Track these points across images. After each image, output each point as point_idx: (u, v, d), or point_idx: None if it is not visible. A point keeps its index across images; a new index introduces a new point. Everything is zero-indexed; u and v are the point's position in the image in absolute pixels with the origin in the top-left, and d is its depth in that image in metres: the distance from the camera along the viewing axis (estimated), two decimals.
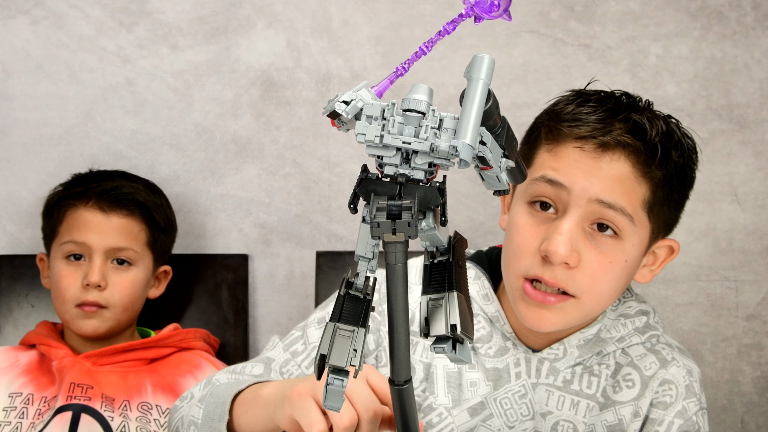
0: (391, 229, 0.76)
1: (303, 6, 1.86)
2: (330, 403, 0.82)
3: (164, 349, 1.58)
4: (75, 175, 1.66)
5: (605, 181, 1.14)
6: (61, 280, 1.55)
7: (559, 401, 1.22)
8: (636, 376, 1.23)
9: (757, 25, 1.84)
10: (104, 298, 1.54)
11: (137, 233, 1.58)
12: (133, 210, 1.58)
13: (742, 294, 1.86)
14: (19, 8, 1.86)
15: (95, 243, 1.54)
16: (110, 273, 1.55)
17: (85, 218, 1.56)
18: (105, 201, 1.57)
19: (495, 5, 0.80)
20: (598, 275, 1.14)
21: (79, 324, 1.54)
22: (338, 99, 0.78)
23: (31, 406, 1.50)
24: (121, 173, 1.67)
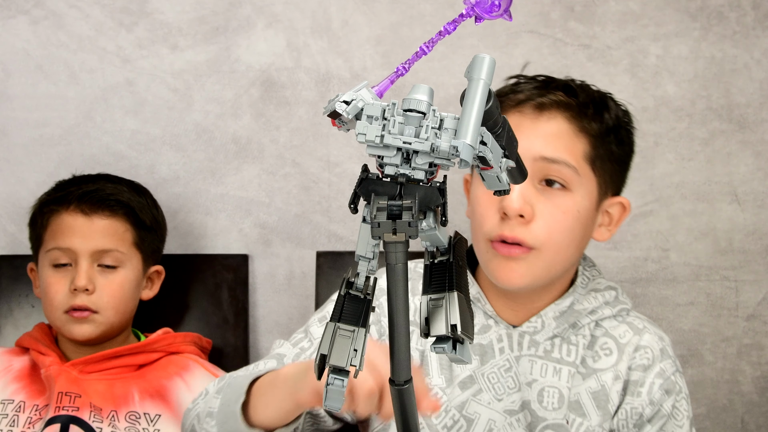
0: (392, 229, 0.76)
1: (303, 6, 1.86)
2: (330, 402, 0.82)
3: (152, 354, 1.56)
4: (58, 182, 1.64)
5: (545, 138, 1.25)
6: (49, 287, 1.53)
7: (542, 369, 1.28)
8: (612, 345, 1.31)
9: (757, 25, 1.84)
10: (93, 302, 1.51)
11: (122, 234, 1.55)
12: (116, 210, 1.55)
13: (742, 294, 1.86)
14: (18, 8, 1.86)
15: (79, 247, 1.52)
16: (97, 276, 1.52)
17: (68, 223, 1.53)
18: (86, 203, 1.54)
19: (495, 5, 0.80)
20: (552, 225, 1.24)
21: (71, 330, 1.52)
22: (339, 99, 0.78)
23: (22, 414, 1.48)
24: (105, 176, 1.64)
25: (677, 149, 1.85)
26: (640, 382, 1.29)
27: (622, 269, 1.85)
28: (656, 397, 1.29)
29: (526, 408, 1.27)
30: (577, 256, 1.31)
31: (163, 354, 1.56)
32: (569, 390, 1.27)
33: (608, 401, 1.28)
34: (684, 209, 1.86)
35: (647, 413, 1.28)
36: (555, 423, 1.26)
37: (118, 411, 1.47)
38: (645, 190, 1.86)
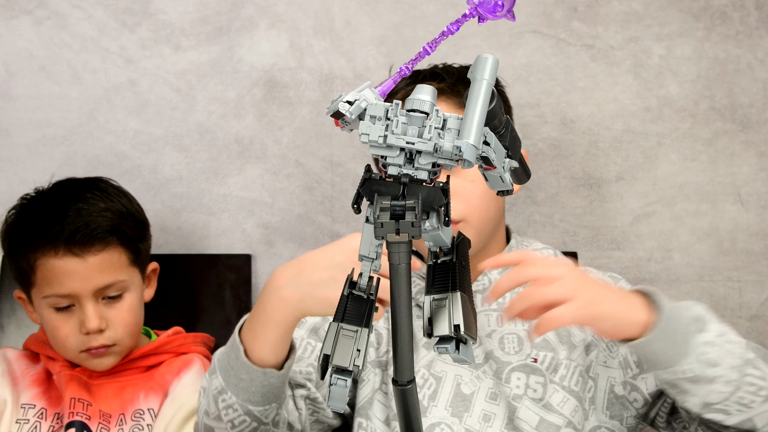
0: (395, 229, 0.76)
1: (306, 6, 1.86)
2: (333, 403, 0.82)
3: (162, 355, 1.53)
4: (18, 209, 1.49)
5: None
6: (57, 330, 1.45)
7: (498, 319, 1.33)
8: None
9: (760, 26, 1.84)
10: (109, 338, 1.44)
11: (118, 260, 1.45)
12: (106, 241, 1.44)
13: (745, 294, 1.86)
14: (22, 8, 1.86)
15: (80, 290, 1.42)
16: (105, 311, 1.45)
17: (61, 268, 1.42)
18: (75, 245, 1.42)
19: (499, 5, 0.80)
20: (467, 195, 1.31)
21: (91, 364, 1.46)
22: (342, 99, 0.78)
23: (44, 422, 1.46)
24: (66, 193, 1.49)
25: (680, 149, 1.85)
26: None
27: (625, 269, 1.85)
28: None
29: (490, 358, 1.31)
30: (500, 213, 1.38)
31: (174, 355, 1.54)
32: (526, 332, 1.32)
33: (570, 335, 1.33)
34: (687, 209, 1.85)
35: None
36: (520, 364, 1.31)
37: (126, 413, 1.46)
38: (648, 190, 1.85)
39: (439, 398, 1.31)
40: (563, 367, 1.31)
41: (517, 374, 1.31)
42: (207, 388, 1.20)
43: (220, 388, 1.18)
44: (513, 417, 1.29)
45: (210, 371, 1.21)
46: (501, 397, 1.30)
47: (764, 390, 1.11)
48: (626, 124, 1.85)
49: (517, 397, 1.29)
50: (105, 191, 1.51)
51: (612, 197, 1.86)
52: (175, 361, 1.52)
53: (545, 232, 1.86)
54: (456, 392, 1.31)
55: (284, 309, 1.12)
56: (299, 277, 1.12)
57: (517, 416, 1.29)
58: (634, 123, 1.85)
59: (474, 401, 1.30)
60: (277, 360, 1.16)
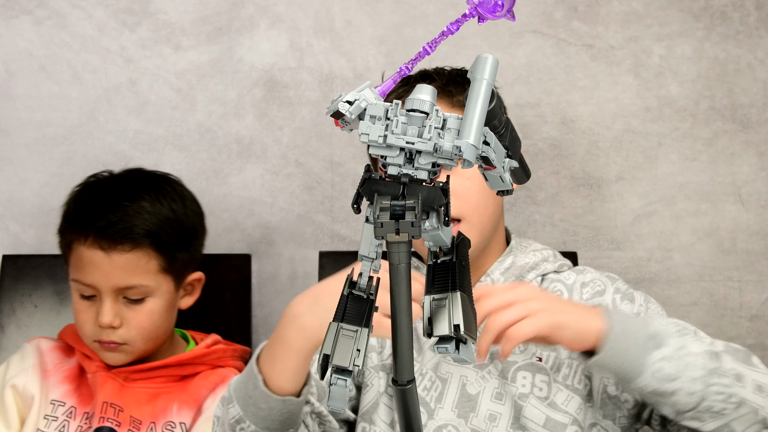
0: (395, 229, 0.76)
1: (306, 6, 1.86)
2: (333, 403, 0.82)
3: (199, 366, 1.51)
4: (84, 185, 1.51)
5: None
6: (78, 314, 1.47)
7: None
8: (561, 287, 1.38)
9: (760, 26, 1.84)
10: (120, 336, 1.44)
11: (145, 265, 1.43)
12: (138, 243, 1.42)
13: (745, 294, 1.86)
14: (22, 8, 1.86)
15: (101, 284, 1.42)
16: (123, 310, 1.44)
17: (87, 257, 1.43)
18: (104, 239, 1.42)
19: (499, 5, 0.80)
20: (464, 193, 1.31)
21: (104, 356, 1.47)
22: (342, 99, 0.78)
23: (72, 421, 1.45)
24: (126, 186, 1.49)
25: (680, 149, 1.85)
26: (603, 304, 1.34)
27: (626, 269, 1.85)
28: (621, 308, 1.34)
29: (495, 358, 1.33)
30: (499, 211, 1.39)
31: (210, 367, 1.52)
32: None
33: None
34: (687, 209, 1.85)
35: None
36: (526, 363, 1.32)
37: (157, 423, 1.45)
38: (648, 190, 1.85)
39: (445, 400, 1.31)
40: (566, 366, 1.32)
41: (523, 373, 1.32)
42: (222, 417, 1.21)
43: (237, 417, 1.18)
44: (519, 416, 1.30)
45: (225, 400, 1.21)
46: (506, 396, 1.31)
47: (735, 397, 1.15)
48: (626, 123, 1.85)
49: (523, 396, 1.30)
50: (161, 192, 1.48)
51: (612, 197, 1.86)
52: (211, 375, 1.50)
53: (545, 232, 1.86)
54: (462, 393, 1.32)
55: (303, 337, 1.14)
56: (317, 305, 1.14)
57: (523, 415, 1.30)
58: (634, 123, 1.85)
59: (480, 401, 1.31)
60: (295, 388, 1.17)
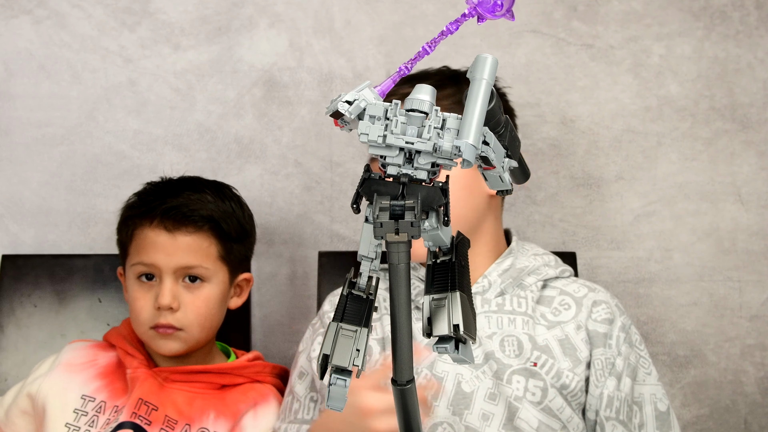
0: (394, 229, 0.76)
1: (305, 6, 1.86)
2: (333, 403, 0.82)
3: (238, 377, 1.54)
4: (147, 185, 1.59)
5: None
6: (135, 302, 1.50)
7: (498, 321, 1.37)
8: (569, 300, 1.40)
9: (760, 25, 1.84)
10: (178, 319, 1.48)
11: (206, 248, 1.51)
12: (200, 226, 1.50)
13: (745, 294, 1.86)
14: (21, 8, 1.86)
15: (163, 263, 1.48)
16: (182, 293, 1.49)
17: (151, 239, 1.50)
18: (169, 220, 1.49)
19: (498, 5, 0.80)
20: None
21: (158, 345, 1.50)
22: (341, 99, 0.78)
23: (101, 416, 1.47)
24: (189, 181, 1.59)
25: (680, 149, 1.85)
26: (609, 335, 1.38)
27: (625, 269, 1.85)
28: (623, 350, 1.38)
29: (490, 358, 1.34)
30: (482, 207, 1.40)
31: (248, 380, 1.54)
32: (527, 336, 1.36)
33: (575, 349, 1.36)
34: (687, 209, 1.85)
35: (619, 365, 1.37)
36: (521, 368, 1.34)
37: (192, 425, 1.46)
38: (648, 190, 1.85)
39: (441, 397, 1.33)
40: (565, 377, 1.35)
41: (517, 377, 1.33)
42: None
43: None
44: (513, 417, 1.31)
45: None
46: (500, 397, 1.33)
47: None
48: (626, 123, 1.85)
49: (518, 398, 1.32)
50: (222, 192, 1.58)
51: (612, 197, 1.86)
52: (250, 391, 1.52)
53: (545, 232, 1.86)
54: (457, 390, 1.33)
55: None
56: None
57: (518, 417, 1.31)
58: (634, 122, 1.85)
59: (474, 399, 1.32)
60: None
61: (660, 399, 1.38)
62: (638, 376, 1.38)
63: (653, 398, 1.37)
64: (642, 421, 1.35)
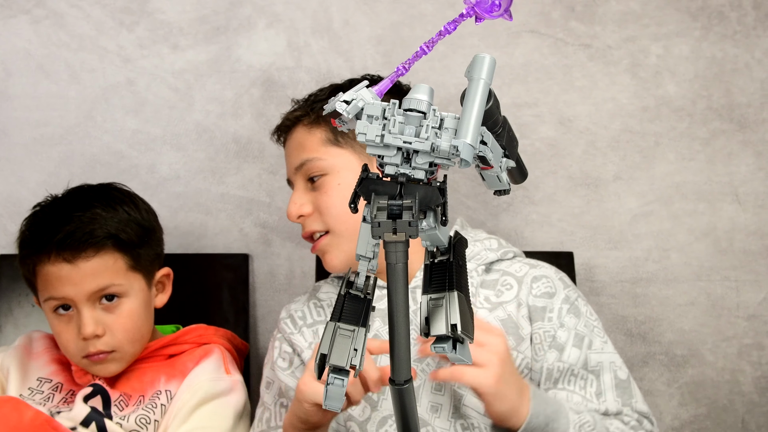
0: (392, 228, 0.76)
1: (304, 6, 1.86)
2: (330, 402, 0.82)
3: (183, 344, 1.54)
4: (33, 211, 1.52)
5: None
6: (59, 335, 1.46)
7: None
8: (511, 279, 1.40)
9: (757, 25, 1.84)
10: (107, 343, 1.44)
11: (113, 265, 1.45)
12: (99, 246, 1.44)
13: (742, 294, 1.86)
14: (20, 8, 1.86)
15: (74, 294, 1.43)
16: (103, 316, 1.44)
17: (54, 273, 1.43)
18: (67, 251, 1.43)
19: (496, 5, 0.80)
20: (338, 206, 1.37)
21: (96, 371, 1.47)
22: (339, 98, 0.78)
23: (58, 394, 1.48)
24: (75, 198, 1.50)
25: (678, 149, 1.85)
26: (549, 308, 1.37)
27: (623, 269, 1.85)
28: (566, 322, 1.37)
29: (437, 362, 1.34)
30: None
31: (195, 345, 1.54)
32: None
33: (518, 327, 1.36)
34: (684, 209, 1.86)
35: (561, 337, 1.36)
36: None
37: (145, 395, 1.47)
38: (645, 189, 1.86)
39: (388, 391, 1.33)
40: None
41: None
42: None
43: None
44: (459, 405, 1.32)
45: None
46: (445, 387, 1.33)
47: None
48: (624, 123, 1.85)
49: (461, 385, 1.32)
50: (111, 199, 1.50)
51: (609, 197, 1.86)
52: (197, 350, 1.53)
53: (542, 231, 1.86)
54: None
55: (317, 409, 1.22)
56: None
57: (463, 404, 1.32)
58: (631, 122, 1.85)
59: (421, 394, 1.33)
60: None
61: (619, 367, 1.36)
62: (594, 344, 1.37)
63: (612, 366, 1.36)
64: (600, 389, 1.34)
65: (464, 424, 1.31)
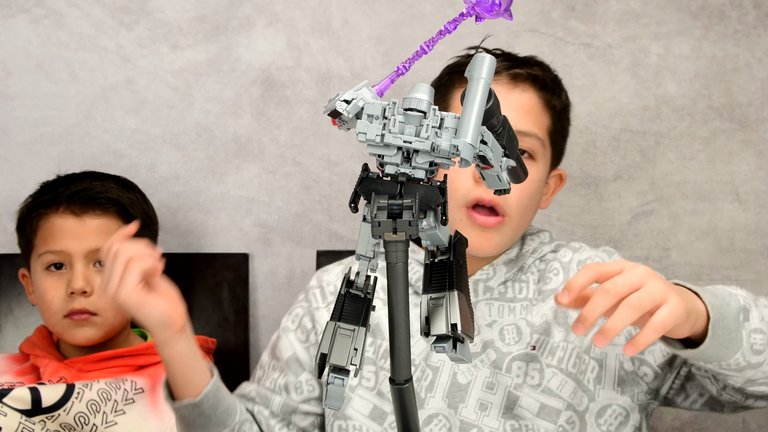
0: (392, 228, 0.76)
1: (303, 5, 1.86)
2: (330, 402, 0.82)
3: (154, 356, 1.51)
4: (43, 184, 1.60)
5: (518, 111, 1.31)
6: (46, 292, 1.48)
7: (499, 310, 1.33)
8: (557, 265, 1.36)
9: (758, 24, 1.84)
10: (92, 303, 1.47)
11: (116, 229, 1.46)
12: (107, 208, 1.51)
13: None
14: (19, 7, 1.86)
15: (73, 249, 1.47)
16: (94, 277, 1.48)
17: (59, 225, 1.49)
18: (76, 204, 1.49)
19: (496, 4, 0.80)
20: (521, 192, 1.29)
21: (72, 334, 1.48)
22: (339, 98, 0.78)
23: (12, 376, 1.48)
24: (90, 173, 1.59)
25: (678, 148, 1.85)
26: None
27: None
28: None
29: (489, 347, 1.31)
30: (531, 218, 1.38)
31: None
32: (525, 322, 1.32)
33: (567, 317, 1.32)
34: (685, 208, 1.85)
35: None
36: (520, 353, 1.30)
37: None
38: (646, 189, 1.85)
39: (436, 389, 1.31)
40: (560, 350, 1.30)
41: (518, 363, 1.30)
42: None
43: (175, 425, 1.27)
44: (513, 406, 1.28)
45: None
46: (498, 386, 1.30)
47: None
48: (624, 122, 1.85)
49: (518, 386, 1.29)
50: (125, 183, 1.59)
51: (610, 196, 1.86)
52: None
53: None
54: (452, 382, 1.31)
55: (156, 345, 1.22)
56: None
57: (519, 405, 1.28)
58: (632, 122, 1.85)
59: (470, 391, 1.30)
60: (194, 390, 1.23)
61: None
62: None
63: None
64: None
65: (515, 425, 1.28)
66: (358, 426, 1.32)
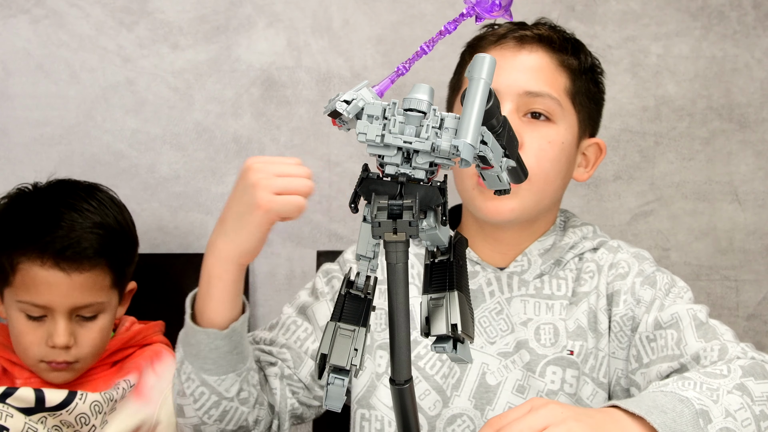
0: (392, 228, 0.76)
1: (304, 5, 1.86)
2: (331, 402, 0.82)
3: (126, 350, 1.48)
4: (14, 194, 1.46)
5: (527, 72, 1.27)
6: (23, 336, 1.39)
7: (536, 307, 1.27)
8: (593, 267, 1.30)
9: (757, 25, 1.84)
10: (73, 355, 1.39)
11: (101, 282, 1.40)
12: (96, 262, 1.39)
13: (742, 293, 1.86)
14: (19, 7, 1.86)
15: (58, 304, 1.37)
16: (77, 329, 1.40)
17: (43, 278, 1.36)
18: (64, 261, 1.36)
19: (496, 4, 0.81)
20: (540, 154, 1.24)
21: (48, 376, 1.42)
22: (339, 98, 0.78)
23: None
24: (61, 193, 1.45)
25: (678, 149, 1.85)
26: (623, 290, 1.26)
27: None
28: (642, 295, 1.25)
29: (522, 348, 1.25)
30: (562, 191, 1.32)
31: (138, 347, 1.50)
32: (563, 322, 1.26)
33: (597, 322, 1.26)
34: (684, 209, 1.86)
35: (638, 312, 1.24)
36: (556, 357, 1.24)
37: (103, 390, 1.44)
38: (645, 189, 1.86)
39: (463, 388, 1.25)
40: (593, 357, 1.25)
41: (553, 368, 1.24)
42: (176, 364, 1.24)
43: (180, 358, 1.21)
44: None
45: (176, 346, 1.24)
46: (530, 390, 1.23)
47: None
48: (624, 123, 1.85)
49: (551, 392, 1.23)
50: (101, 202, 1.46)
51: (610, 196, 1.86)
52: (145, 351, 1.48)
53: None
54: (480, 382, 1.25)
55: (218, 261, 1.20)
56: (223, 226, 1.20)
57: None
58: (631, 122, 1.85)
59: (499, 393, 1.24)
60: (222, 320, 1.18)
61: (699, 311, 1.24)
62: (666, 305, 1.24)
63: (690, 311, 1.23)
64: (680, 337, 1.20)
65: None
66: (380, 417, 1.27)
